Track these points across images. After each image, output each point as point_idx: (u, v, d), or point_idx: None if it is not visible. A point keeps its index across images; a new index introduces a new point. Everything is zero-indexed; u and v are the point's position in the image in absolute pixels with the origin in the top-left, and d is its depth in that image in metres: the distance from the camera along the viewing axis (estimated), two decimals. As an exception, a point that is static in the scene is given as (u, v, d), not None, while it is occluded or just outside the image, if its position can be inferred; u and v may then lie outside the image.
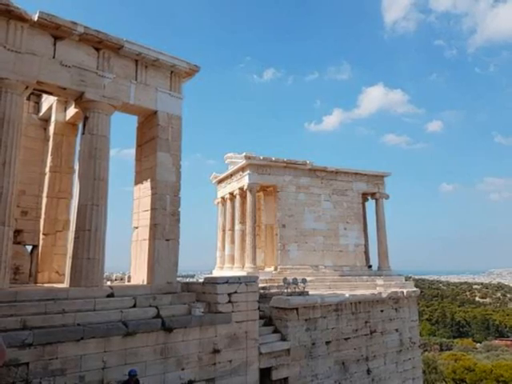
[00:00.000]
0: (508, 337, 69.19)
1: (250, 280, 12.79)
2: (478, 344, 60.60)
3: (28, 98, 13.62)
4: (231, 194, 22.19)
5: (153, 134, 12.63)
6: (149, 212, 12.30)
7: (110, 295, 10.74)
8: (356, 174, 22.18)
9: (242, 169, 20.61)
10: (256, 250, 19.86)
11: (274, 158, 20.36)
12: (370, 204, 23.24)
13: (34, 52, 10.54)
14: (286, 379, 13.47)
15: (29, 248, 13.97)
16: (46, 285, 12.67)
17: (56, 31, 10.83)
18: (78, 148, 12.20)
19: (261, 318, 13.41)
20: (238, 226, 21.25)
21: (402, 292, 18.27)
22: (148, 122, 12.93)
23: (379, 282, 19.93)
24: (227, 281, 12.24)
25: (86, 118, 11.49)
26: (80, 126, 12.65)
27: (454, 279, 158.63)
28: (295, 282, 15.94)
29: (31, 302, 9.49)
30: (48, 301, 9.70)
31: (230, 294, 12.06)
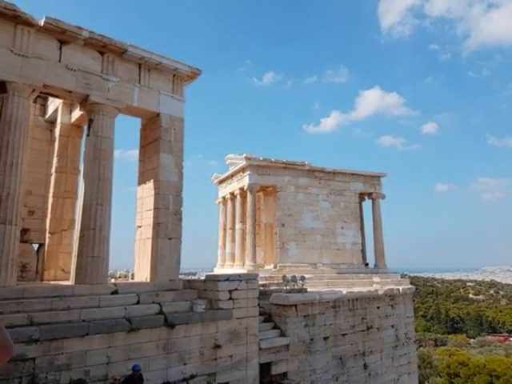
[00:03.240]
0: (501, 333, 69.92)
1: (250, 278, 12.99)
2: (472, 340, 61.24)
3: (34, 101, 13.75)
4: (232, 193, 22.29)
5: (156, 136, 12.78)
6: (152, 211, 12.46)
7: (114, 292, 10.91)
8: (353, 174, 22.29)
9: (243, 169, 20.71)
10: (256, 249, 19.97)
11: (273, 159, 20.44)
12: (367, 204, 23.43)
13: (40, 56, 10.68)
14: (285, 374, 13.71)
15: (35, 246, 14.18)
16: (51, 282, 12.82)
17: (62, 36, 10.98)
18: (83, 149, 12.38)
19: (261, 314, 13.62)
20: (238, 225, 21.36)
21: (398, 289, 18.51)
22: (151, 124, 13.09)
23: (376, 279, 20.16)
24: (228, 278, 12.44)
25: (90, 120, 11.66)
26: (85, 127, 12.79)
27: (448, 277, 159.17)
28: (294, 279, 16.01)
29: (38, 299, 9.62)
30: (54, 298, 9.84)
31: (230, 291, 12.24)
